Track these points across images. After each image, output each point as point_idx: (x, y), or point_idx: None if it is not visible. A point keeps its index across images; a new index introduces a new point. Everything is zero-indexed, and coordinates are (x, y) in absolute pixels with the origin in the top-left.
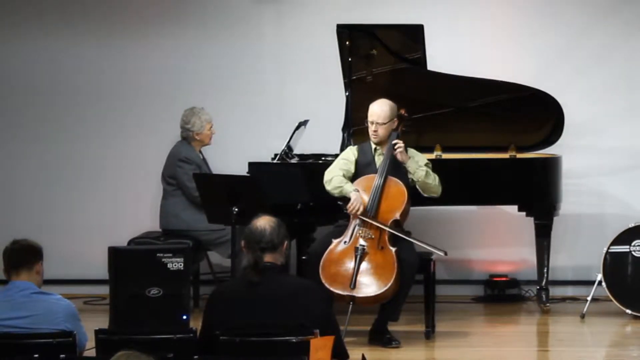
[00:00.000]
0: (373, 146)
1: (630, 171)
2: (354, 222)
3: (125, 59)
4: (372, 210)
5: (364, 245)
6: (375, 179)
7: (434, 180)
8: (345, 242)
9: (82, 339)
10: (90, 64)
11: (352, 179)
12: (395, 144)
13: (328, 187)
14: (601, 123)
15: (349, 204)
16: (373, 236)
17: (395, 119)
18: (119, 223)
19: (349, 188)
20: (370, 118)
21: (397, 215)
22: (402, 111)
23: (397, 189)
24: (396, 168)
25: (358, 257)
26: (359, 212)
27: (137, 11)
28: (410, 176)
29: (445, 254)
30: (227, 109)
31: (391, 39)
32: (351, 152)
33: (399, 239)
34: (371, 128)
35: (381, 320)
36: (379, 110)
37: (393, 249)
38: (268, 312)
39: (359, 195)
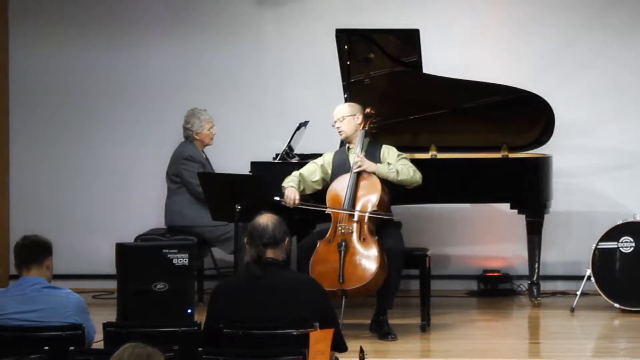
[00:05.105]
0: (347, 146)
1: (619, 170)
2: (335, 221)
3: (130, 62)
4: (349, 205)
5: (346, 240)
6: (348, 175)
7: (407, 174)
8: (329, 240)
9: (90, 331)
10: (96, 67)
11: (330, 180)
12: (355, 163)
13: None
14: (590, 124)
15: (284, 197)
16: (353, 230)
17: (359, 115)
18: (126, 220)
19: (285, 185)
20: (333, 119)
21: (374, 206)
22: (369, 109)
23: (370, 181)
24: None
25: (342, 252)
26: (296, 202)
27: (142, 16)
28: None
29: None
30: (230, 110)
31: (388, 43)
32: (325, 157)
33: (381, 229)
34: (336, 127)
35: (379, 310)
36: (338, 108)
37: (375, 238)
38: (270, 306)
39: (292, 190)
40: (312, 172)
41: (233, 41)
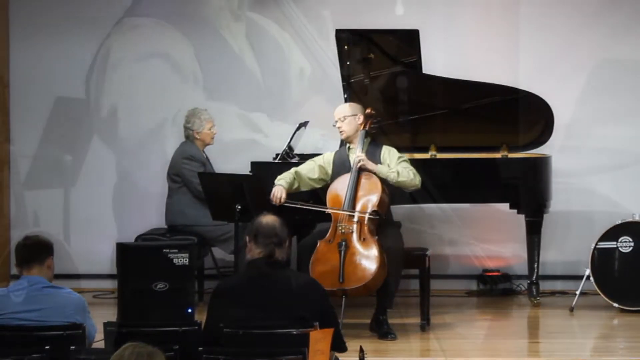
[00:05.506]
0: (347, 146)
1: (617, 170)
2: (335, 221)
3: (130, 61)
4: (349, 205)
5: (346, 240)
6: (348, 176)
7: (407, 176)
8: (330, 240)
9: (91, 331)
10: (96, 66)
11: (330, 180)
12: (357, 157)
13: None
14: (590, 124)
15: (270, 194)
16: (353, 230)
17: (360, 115)
18: (127, 220)
19: (276, 182)
20: (334, 119)
21: (374, 206)
22: (369, 110)
23: (370, 181)
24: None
25: (342, 252)
26: (281, 200)
27: (142, 15)
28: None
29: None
30: (230, 110)
31: (388, 43)
32: (325, 156)
33: (381, 229)
34: (337, 127)
35: (379, 309)
36: (339, 108)
37: (375, 238)
38: (270, 306)
39: (279, 188)
40: (309, 169)
41: (233, 41)
